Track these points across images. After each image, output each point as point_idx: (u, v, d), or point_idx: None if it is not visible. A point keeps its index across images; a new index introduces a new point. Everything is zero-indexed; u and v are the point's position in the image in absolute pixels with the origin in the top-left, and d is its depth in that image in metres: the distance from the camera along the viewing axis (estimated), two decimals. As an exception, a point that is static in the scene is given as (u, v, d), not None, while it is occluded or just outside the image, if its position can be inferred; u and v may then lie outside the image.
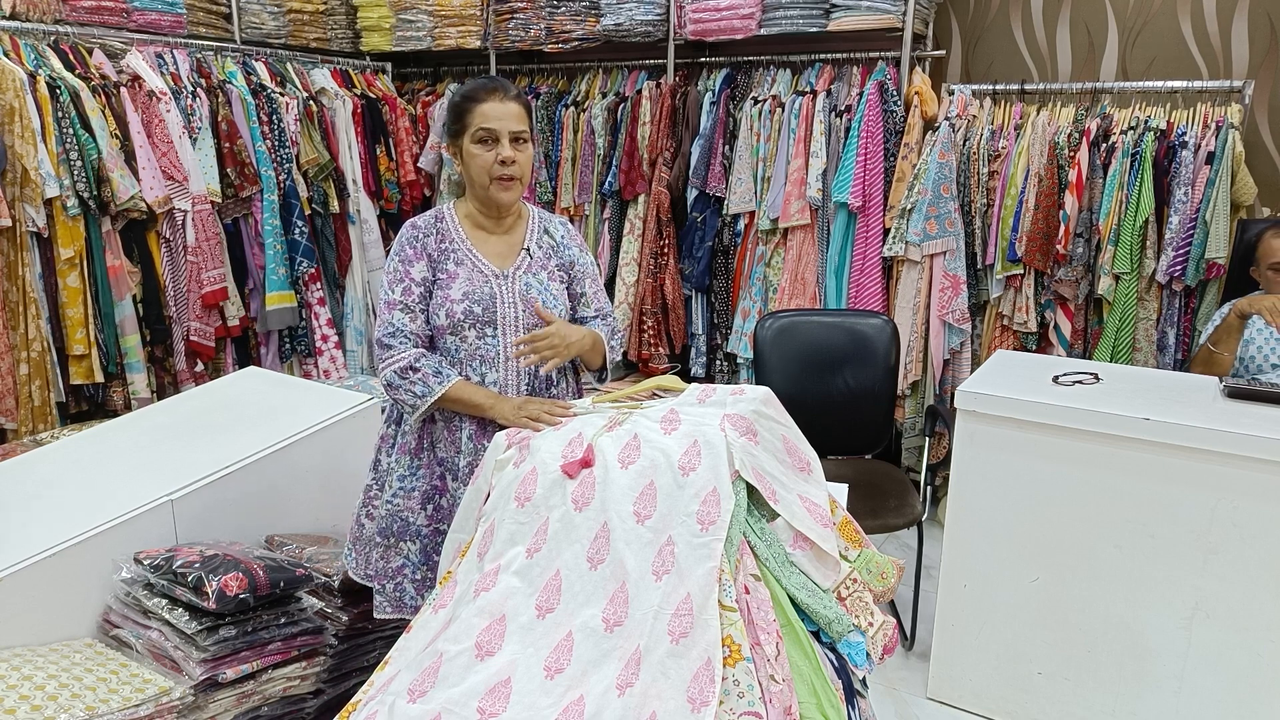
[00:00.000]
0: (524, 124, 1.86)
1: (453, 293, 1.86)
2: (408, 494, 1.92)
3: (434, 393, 1.82)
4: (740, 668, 1.21)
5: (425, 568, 1.94)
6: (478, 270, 1.89)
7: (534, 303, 1.90)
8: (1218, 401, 2.22)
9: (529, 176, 1.91)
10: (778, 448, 1.55)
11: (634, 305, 3.96)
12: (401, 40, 4.41)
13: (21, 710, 1.58)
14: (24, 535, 1.93)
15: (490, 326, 1.87)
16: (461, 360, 1.88)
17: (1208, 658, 2.12)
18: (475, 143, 1.84)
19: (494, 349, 1.88)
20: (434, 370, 1.84)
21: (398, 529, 1.93)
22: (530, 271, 1.93)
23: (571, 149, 4.06)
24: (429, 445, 1.93)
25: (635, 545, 1.39)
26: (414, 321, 1.87)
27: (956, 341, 3.39)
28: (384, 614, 1.95)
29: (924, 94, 3.39)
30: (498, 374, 1.88)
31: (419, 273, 1.87)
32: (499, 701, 1.27)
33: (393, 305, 1.87)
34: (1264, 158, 3.28)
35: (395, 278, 1.88)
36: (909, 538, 3.08)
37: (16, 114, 2.95)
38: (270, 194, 3.76)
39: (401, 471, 1.92)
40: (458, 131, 1.87)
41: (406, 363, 1.84)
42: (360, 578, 2.00)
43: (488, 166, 1.83)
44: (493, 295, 1.87)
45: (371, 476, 2.00)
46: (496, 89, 1.84)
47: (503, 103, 1.83)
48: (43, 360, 3.10)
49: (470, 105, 1.84)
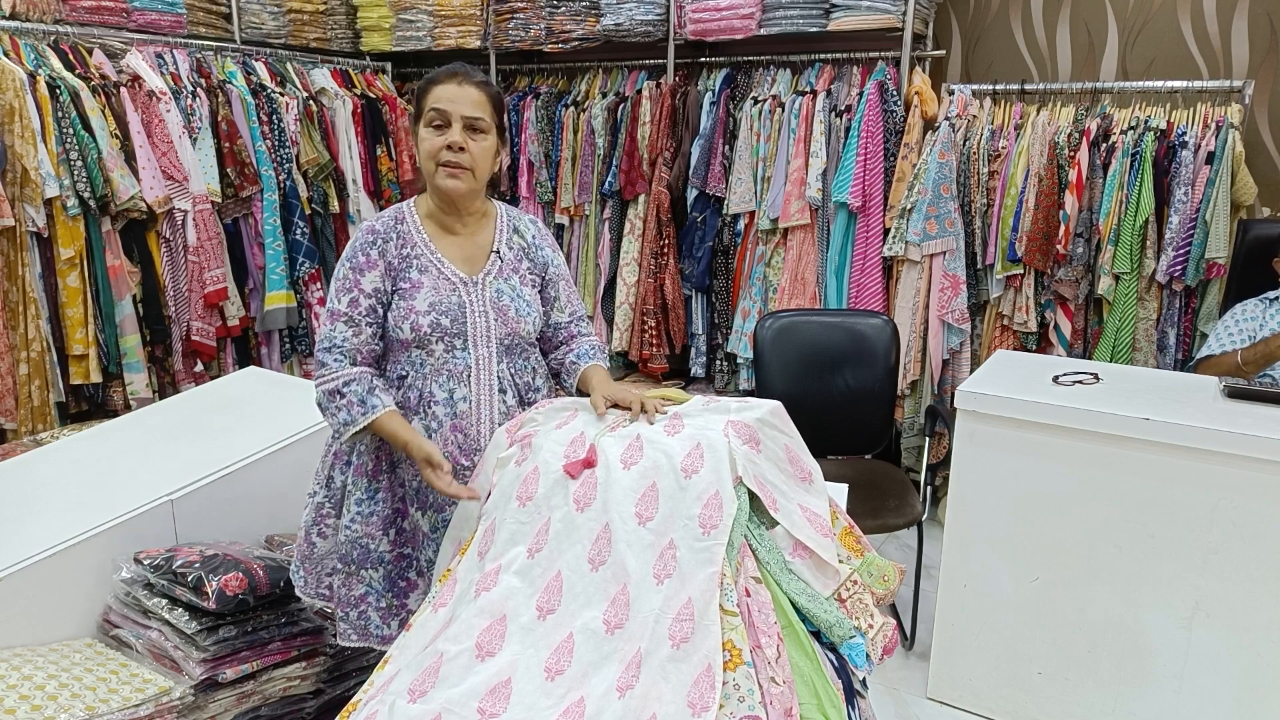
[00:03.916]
0: (483, 112, 1.69)
1: (417, 303, 1.70)
2: (366, 519, 1.76)
3: (356, 424, 1.67)
4: (741, 672, 1.21)
5: (390, 594, 1.79)
6: (444, 278, 1.73)
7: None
8: (1218, 401, 2.22)
9: (486, 171, 1.73)
10: (780, 457, 1.55)
11: (634, 305, 3.96)
12: (401, 40, 4.41)
13: (21, 710, 1.58)
14: (24, 535, 1.93)
15: (459, 339, 1.72)
16: (427, 376, 1.72)
17: (1208, 658, 2.12)
18: (426, 126, 1.69)
19: (463, 363, 1.73)
20: (360, 399, 1.67)
21: (358, 556, 1.77)
22: (501, 276, 1.78)
23: (571, 149, 4.06)
24: (388, 467, 1.77)
25: (637, 547, 1.39)
26: (357, 336, 1.70)
27: (956, 341, 3.39)
28: (349, 642, 1.80)
29: (924, 94, 3.39)
30: (467, 389, 1.73)
31: (371, 283, 1.70)
32: (499, 702, 1.27)
33: (336, 316, 1.70)
34: (1264, 158, 3.28)
35: (343, 286, 1.71)
36: (909, 538, 3.07)
37: (16, 114, 2.95)
38: (270, 194, 3.76)
39: (359, 495, 1.76)
40: (416, 116, 1.73)
41: (335, 385, 1.68)
42: (311, 596, 1.87)
43: (435, 151, 1.68)
44: (461, 305, 1.72)
45: (324, 494, 1.82)
46: (457, 73, 1.70)
47: (460, 86, 1.68)
48: (42, 360, 3.10)
49: (429, 88, 1.70)
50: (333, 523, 1.82)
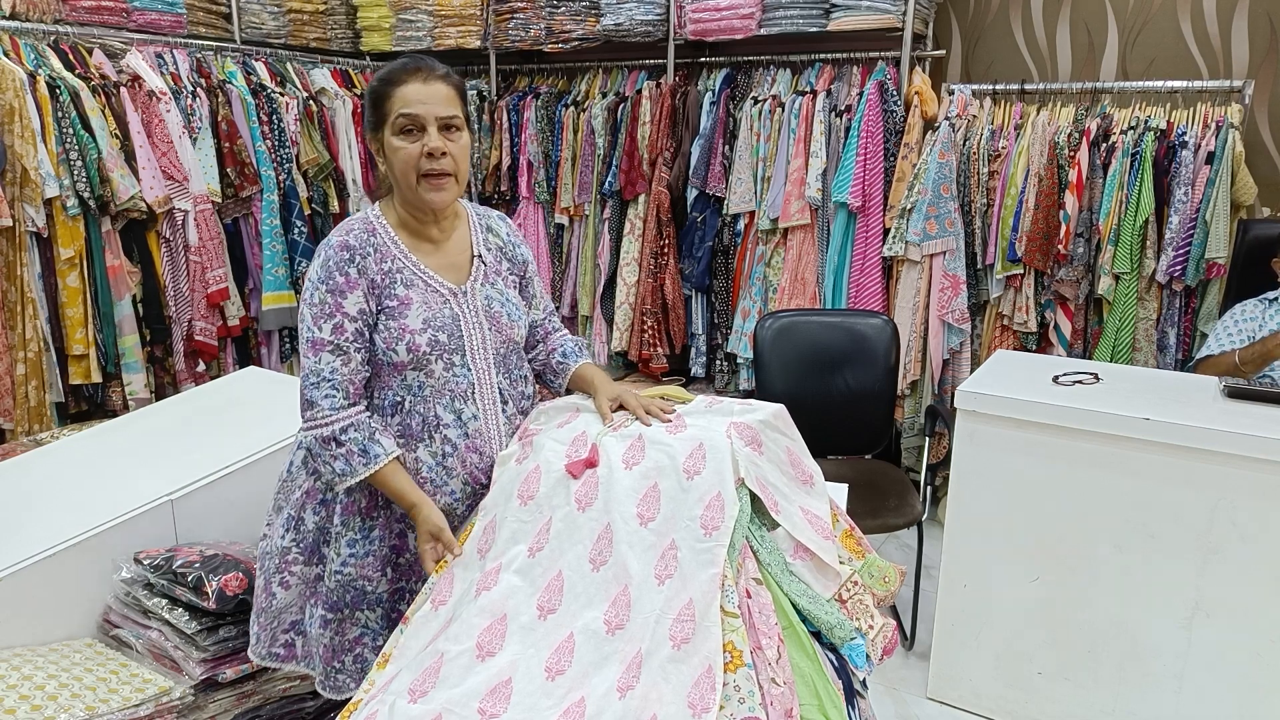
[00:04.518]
0: (455, 108, 1.54)
1: (410, 322, 1.55)
2: (361, 560, 1.60)
3: (356, 475, 1.52)
4: (741, 673, 1.20)
5: (388, 632, 1.62)
6: (433, 290, 1.59)
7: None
8: (1218, 401, 2.22)
9: (466, 171, 1.59)
10: (781, 459, 1.55)
11: (634, 305, 3.96)
12: (401, 40, 4.41)
13: (21, 710, 1.57)
14: (24, 535, 1.93)
15: (458, 355, 1.59)
16: (428, 399, 1.58)
17: (1208, 658, 2.12)
18: (397, 134, 1.53)
19: (465, 380, 1.60)
20: (361, 447, 1.52)
21: (352, 600, 1.63)
22: (488, 282, 1.66)
23: (571, 149, 4.06)
24: (383, 503, 1.61)
25: (638, 548, 1.39)
26: (347, 365, 1.53)
27: (956, 341, 3.39)
28: (348, 694, 1.62)
29: (924, 94, 3.39)
30: (475, 407, 1.61)
31: (354, 305, 1.53)
32: (500, 702, 1.27)
33: (320, 346, 1.52)
34: (1264, 158, 3.28)
35: (323, 312, 1.52)
36: (909, 538, 3.07)
37: (16, 114, 2.95)
38: (270, 194, 3.76)
39: (351, 536, 1.60)
40: (377, 123, 1.56)
41: (331, 431, 1.52)
42: (262, 657, 1.70)
43: (413, 161, 1.52)
44: (455, 317, 1.59)
45: (291, 537, 1.65)
46: (419, 68, 1.53)
47: (427, 84, 1.52)
48: (39, 360, 3.09)
49: (389, 90, 1.53)
50: (299, 570, 1.66)
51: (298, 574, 1.66)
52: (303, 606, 1.69)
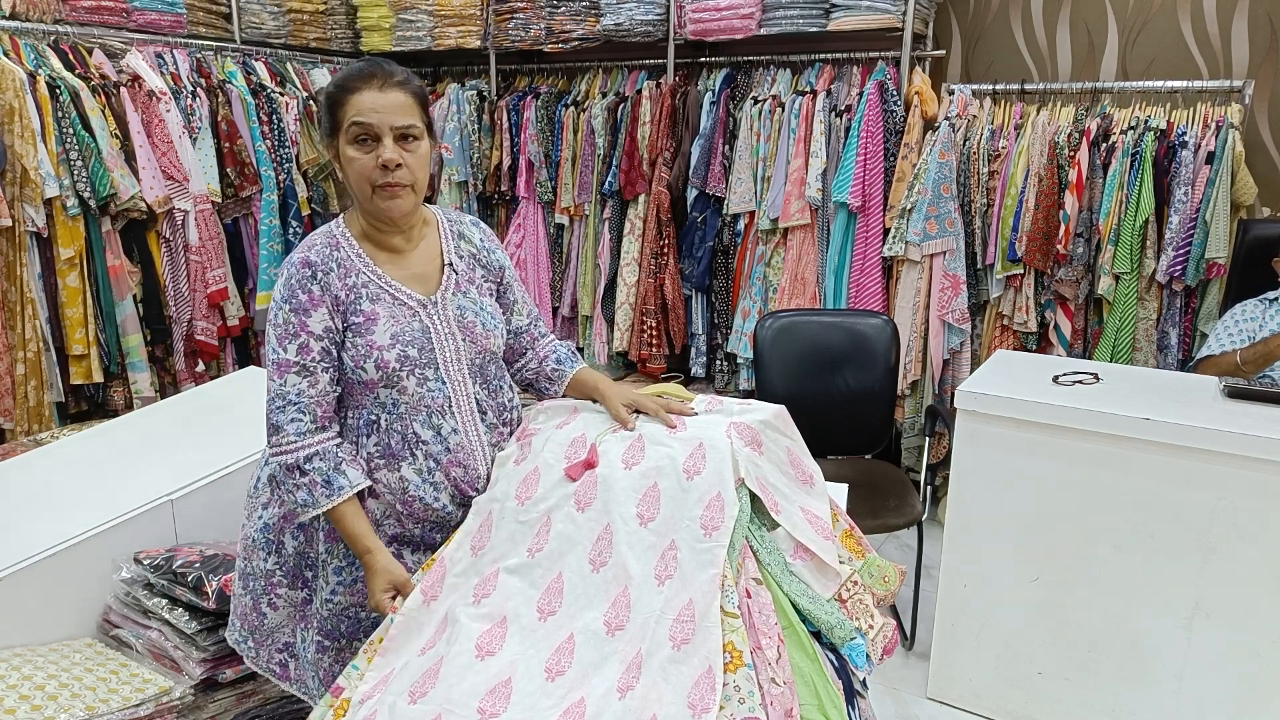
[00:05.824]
0: (412, 116, 1.49)
1: (377, 338, 1.49)
2: (350, 588, 1.57)
3: (318, 506, 1.48)
4: (741, 674, 1.20)
5: None
6: (400, 303, 1.53)
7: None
8: (1218, 401, 2.22)
9: (424, 181, 1.54)
10: (781, 460, 1.55)
11: (634, 305, 3.96)
12: (401, 40, 4.41)
13: (21, 710, 1.58)
14: (24, 535, 1.93)
15: (430, 369, 1.53)
16: (404, 416, 1.53)
17: (1208, 658, 2.12)
18: (351, 143, 1.47)
19: (441, 394, 1.54)
20: (324, 479, 1.47)
21: (347, 629, 1.60)
22: (460, 291, 1.60)
23: (571, 149, 4.06)
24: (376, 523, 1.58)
25: (638, 548, 1.39)
26: (314, 386, 1.49)
27: (956, 341, 3.39)
28: None
29: (924, 94, 3.39)
30: (454, 421, 1.56)
31: (319, 323, 1.48)
32: (499, 702, 1.27)
33: (285, 368, 1.48)
34: (1264, 158, 3.28)
35: (286, 332, 1.48)
36: (909, 538, 3.07)
37: (16, 114, 2.95)
38: (269, 194, 3.76)
39: (338, 564, 1.56)
40: (332, 129, 1.50)
41: (295, 460, 1.48)
42: (262, 669, 1.70)
43: (367, 172, 1.47)
44: (425, 330, 1.53)
45: (274, 560, 1.62)
46: (375, 74, 1.47)
47: (382, 91, 1.46)
48: (39, 360, 3.09)
49: (343, 96, 1.47)
50: (285, 594, 1.64)
51: (284, 597, 1.65)
52: (293, 629, 1.67)
